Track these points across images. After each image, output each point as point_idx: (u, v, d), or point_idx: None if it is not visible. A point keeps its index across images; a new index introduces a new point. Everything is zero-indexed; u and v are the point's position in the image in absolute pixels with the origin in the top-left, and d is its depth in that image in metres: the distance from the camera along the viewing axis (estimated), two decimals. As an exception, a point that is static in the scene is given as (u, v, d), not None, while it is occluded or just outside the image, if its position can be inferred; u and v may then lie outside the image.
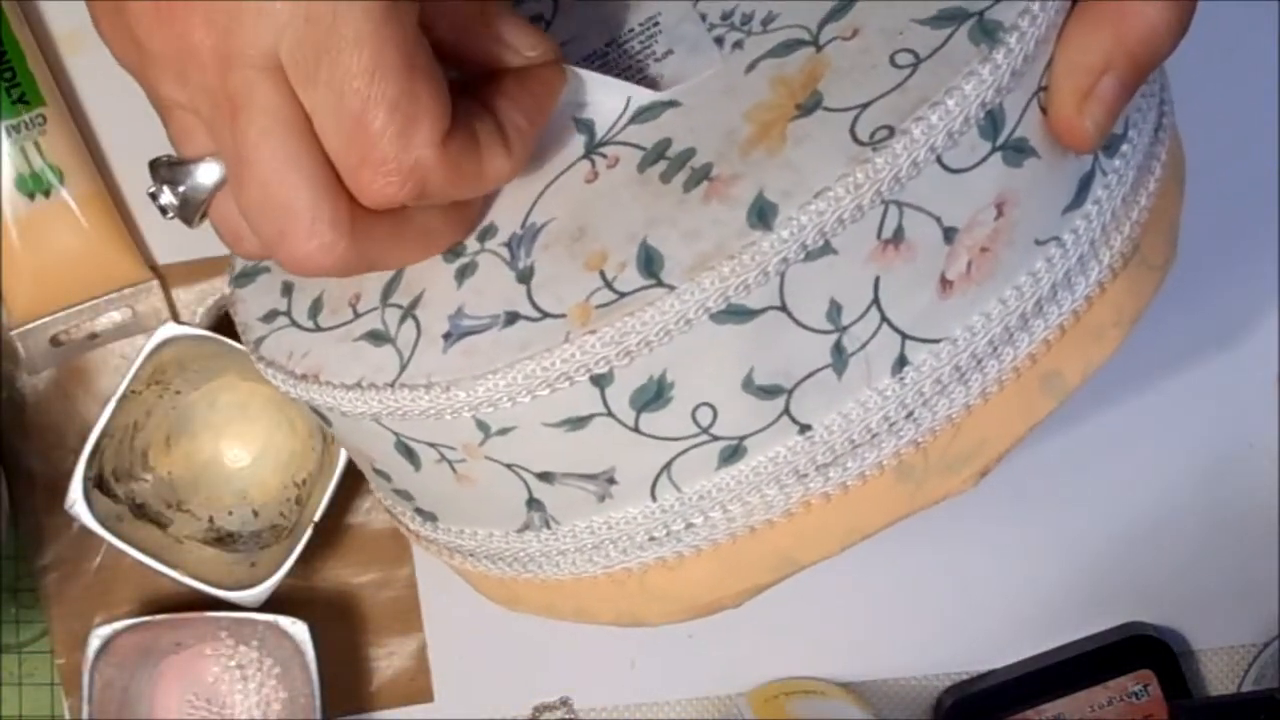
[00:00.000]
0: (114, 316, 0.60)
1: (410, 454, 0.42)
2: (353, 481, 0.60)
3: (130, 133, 0.60)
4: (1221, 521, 0.62)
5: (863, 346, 0.38)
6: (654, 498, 0.40)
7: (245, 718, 0.59)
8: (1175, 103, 0.44)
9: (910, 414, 0.39)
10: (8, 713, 0.60)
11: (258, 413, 0.60)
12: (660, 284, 0.37)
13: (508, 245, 0.40)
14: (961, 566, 0.62)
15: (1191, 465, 0.63)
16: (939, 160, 0.37)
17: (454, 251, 0.41)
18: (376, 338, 0.40)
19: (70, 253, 0.58)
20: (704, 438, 0.39)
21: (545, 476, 0.40)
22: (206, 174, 0.38)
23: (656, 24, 0.43)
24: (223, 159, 0.37)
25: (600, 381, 0.38)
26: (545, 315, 0.38)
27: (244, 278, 0.46)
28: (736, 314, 0.37)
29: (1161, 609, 0.62)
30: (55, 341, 0.59)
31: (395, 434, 0.41)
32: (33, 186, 0.58)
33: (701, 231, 0.37)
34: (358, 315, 0.41)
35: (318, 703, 0.57)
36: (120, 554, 0.57)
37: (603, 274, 0.38)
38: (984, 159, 0.37)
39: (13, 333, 0.59)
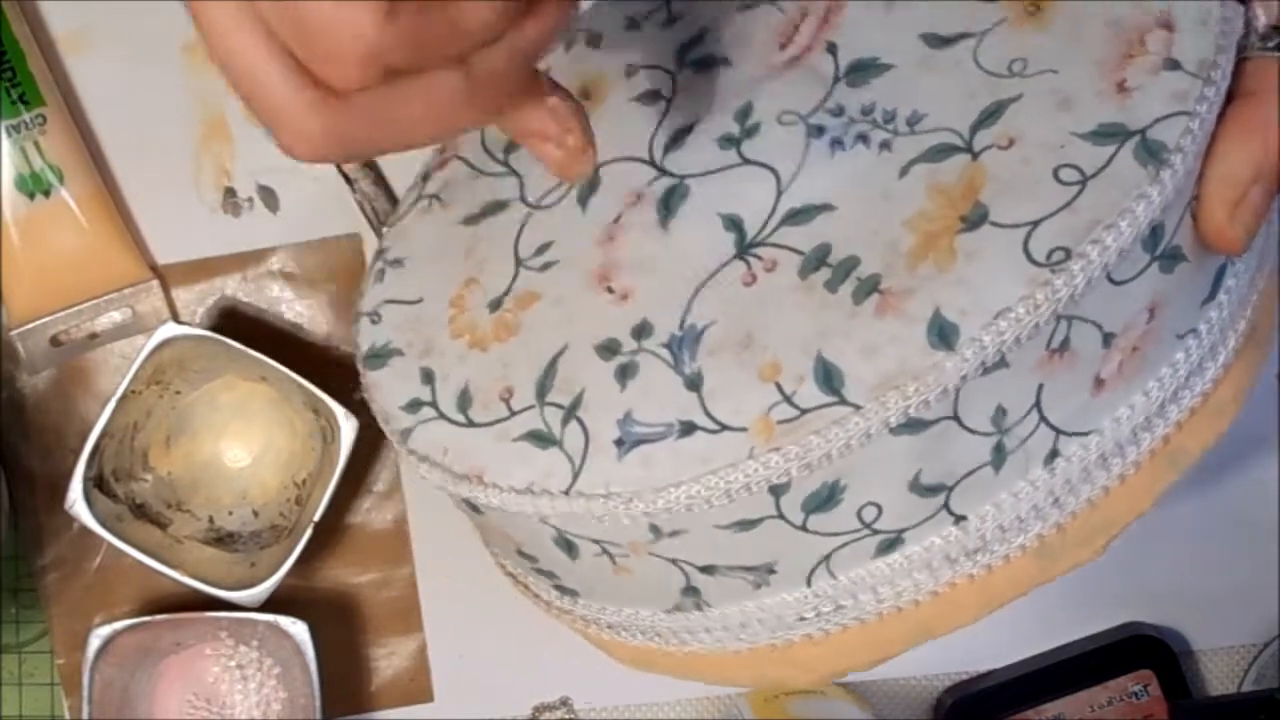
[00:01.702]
0: (114, 316, 0.60)
1: (570, 547, 0.42)
2: (353, 481, 0.60)
3: (130, 133, 0.60)
4: (1221, 521, 0.62)
5: (1021, 444, 0.39)
6: (809, 584, 0.41)
7: (245, 718, 0.59)
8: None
9: (1056, 500, 0.40)
10: (8, 713, 0.60)
11: (258, 413, 0.60)
12: (844, 402, 0.37)
13: (668, 347, 0.40)
14: (961, 566, 0.62)
15: (1191, 465, 0.63)
16: (1108, 276, 0.37)
17: (609, 348, 0.41)
18: (540, 439, 0.40)
19: (70, 253, 0.58)
20: (865, 532, 0.39)
21: (707, 569, 0.41)
22: None
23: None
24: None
25: (777, 490, 0.38)
26: (724, 428, 0.38)
27: (375, 359, 0.45)
28: (913, 426, 0.37)
29: (1161, 609, 0.62)
30: (55, 341, 0.59)
31: (558, 530, 0.41)
32: (33, 186, 0.58)
33: (880, 348, 0.37)
34: (514, 413, 0.41)
35: (318, 703, 0.57)
36: (120, 554, 0.57)
37: (779, 386, 0.38)
38: (1144, 269, 0.38)
39: (13, 333, 0.59)
